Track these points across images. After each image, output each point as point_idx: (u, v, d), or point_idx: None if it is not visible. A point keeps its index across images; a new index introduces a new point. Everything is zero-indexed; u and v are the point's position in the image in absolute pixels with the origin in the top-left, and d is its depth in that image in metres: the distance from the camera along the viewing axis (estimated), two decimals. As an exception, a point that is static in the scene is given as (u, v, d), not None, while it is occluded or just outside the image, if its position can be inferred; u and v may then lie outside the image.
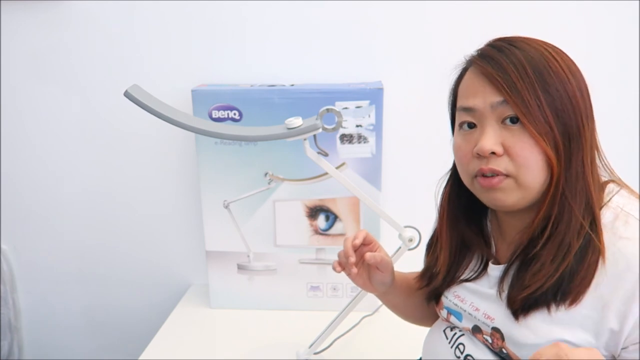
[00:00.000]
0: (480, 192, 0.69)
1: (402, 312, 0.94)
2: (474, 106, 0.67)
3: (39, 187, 1.43)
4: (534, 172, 0.64)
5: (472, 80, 0.68)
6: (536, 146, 0.63)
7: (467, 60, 0.72)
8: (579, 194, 0.64)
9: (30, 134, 1.38)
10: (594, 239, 0.62)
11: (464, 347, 0.76)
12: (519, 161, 0.64)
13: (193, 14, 1.26)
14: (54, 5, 1.27)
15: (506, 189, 0.65)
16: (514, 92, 0.63)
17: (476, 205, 0.76)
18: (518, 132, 0.64)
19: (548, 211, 0.65)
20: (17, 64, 1.33)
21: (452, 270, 0.78)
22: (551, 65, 0.64)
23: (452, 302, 0.78)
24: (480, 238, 0.77)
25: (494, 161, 0.65)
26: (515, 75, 0.63)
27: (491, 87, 0.65)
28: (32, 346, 1.59)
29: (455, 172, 0.78)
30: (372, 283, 0.85)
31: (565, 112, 0.64)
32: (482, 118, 0.66)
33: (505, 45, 0.66)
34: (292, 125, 0.83)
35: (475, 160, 0.67)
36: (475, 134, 0.68)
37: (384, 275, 0.83)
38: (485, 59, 0.67)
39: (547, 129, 0.63)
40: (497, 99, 0.65)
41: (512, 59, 0.64)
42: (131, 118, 1.33)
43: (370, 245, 0.83)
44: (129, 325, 1.53)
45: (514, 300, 0.67)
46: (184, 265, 1.47)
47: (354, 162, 1.22)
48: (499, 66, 0.65)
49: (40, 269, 1.50)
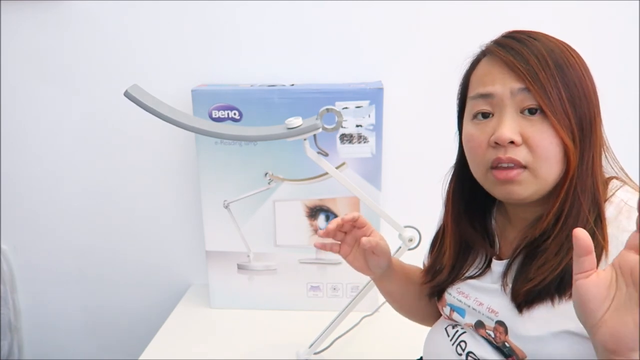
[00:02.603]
0: (493, 184, 0.67)
1: (397, 302, 0.93)
2: (493, 92, 0.65)
3: (39, 187, 1.43)
4: (552, 164, 0.64)
5: (490, 67, 0.67)
6: (556, 137, 0.63)
7: (482, 50, 0.70)
8: (588, 189, 0.65)
9: (30, 134, 1.38)
10: (597, 234, 0.62)
11: (465, 344, 0.76)
12: (538, 152, 0.63)
13: (193, 14, 1.26)
14: (54, 5, 1.27)
15: (522, 182, 0.64)
16: (536, 82, 0.62)
17: (479, 202, 0.76)
18: (538, 122, 0.63)
19: (561, 206, 0.65)
20: (17, 64, 1.33)
21: (457, 266, 0.78)
22: (569, 60, 0.64)
23: (456, 299, 0.78)
24: (483, 237, 0.76)
25: (512, 151, 0.63)
26: (537, 65, 0.63)
27: (512, 75, 0.64)
28: (32, 346, 1.59)
29: (458, 168, 0.77)
30: (369, 266, 0.85)
31: (581, 107, 0.64)
32: (501, 105, 0.65)
33: (525, 37, 0.66)
34: (292, 125, 0.83)
35: (491, 150, 0.65)
36: (491, 123, 0.66)
37: (380, 259, 0.83)
38: (505, 48, 0.65)
39: (566, 121, 0.63)
40: (518, 86, 0.63)
41: (533, 50, 0.64)
42: (131, 118, 1.33)
43: (363, 229, 0.83)
44: (129, 325, 1.53)
45: (518, 293, 0.67)
46: (184, 265, 1.47)
47: (354, 162, 1.22)
48: (520, 55, 0.64)
49: (40, 269, 1.50)
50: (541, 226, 0.66)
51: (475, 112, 0.68)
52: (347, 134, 1.20)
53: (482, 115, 0.67)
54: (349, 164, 1.22)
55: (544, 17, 1.20)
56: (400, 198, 1.30)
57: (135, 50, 1.30)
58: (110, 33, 1.29)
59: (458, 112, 0.76)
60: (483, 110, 0.67)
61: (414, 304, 0.92)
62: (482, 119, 0.67)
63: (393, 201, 1.28)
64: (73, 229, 1.45)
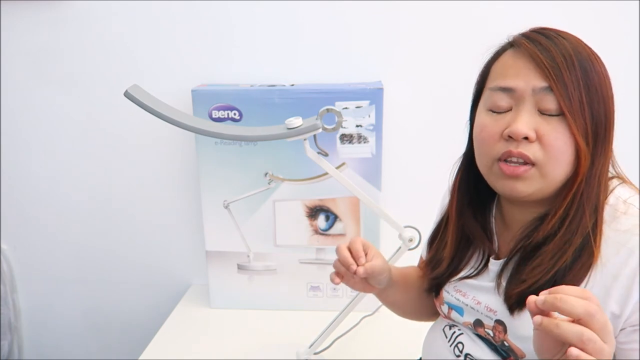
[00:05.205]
0: (497, 177, 0.67)
1: (400, 309, 0.94)
2: (514, 87, 0.64)
3: (39, 187, 1.43)
4: (562, 165, 0.63)
5: (515, 60, 0.65)
6: (571, 139, 0.62)
7: (508, 41, 0.69)
8: (593, 195, 0.64)
9: (30, 134, 1.38)
10: (591, 239, 0.63)
11: (463, 345, 0.76)
12: (550, 151, 0.63)
13: (193, 14, 1.26)
14: (54, 5, 1.27)
15: (527, 179, 0.64)
16: (559, 81, 0.62)
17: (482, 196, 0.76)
18: (554, 121, 0.62)
19: (566, 210, 0.64)
20: (17, 64, 1.33)
21: (456, 258, 0.78)
22: (594, 64, 0.64)
23: (454, 297, 0.78)
24: (483, 232, 0.76)
25: (523, 146, 0.63)
26: (563, 64, 0.62)
27: (537, 71, 0.63)
28: (32, 346, 1.59)
29: (466, 159, 0.76)
30: (370, 284, 0.84)
31: (599, 113, 0.63)
32: (520, 100, 0.64)
33: (554, 34, 0.65)
34: (292, 125, 0.83)
35: (502, 142, 0.65)
36: (506, 116, 0.65)
37: (380, 276, 0.82)
38: (533, 42, 0.64)
39: (583, 125, 0.62)
40: (541, 84, 0.63)
41: (561, 48, 0.63)
42: (131, 118, 1.33)
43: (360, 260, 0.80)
44: (129, 325, 1.53)
45: (510, 295, 0.67)
46: (184, 265, 1.47)
47: (354, 162, 1.22)
48: (547, 52, 0.63)
49: (40, 269, 1.50)
50: (545, 229, 0.66)
51: (492, 103, 0.67)
52: (347, 134, 1.20)
53: (499, 107, 0.66)
54: (349, 164, 1.22)
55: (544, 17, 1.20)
56: (400, 198, 1.30)
57: (135, 50, 1.30)
58: (111, 33, 1.29)
59: (473, 100, 0.74)
60: (501, 102, 0.66)
61: (417, 306, 0.92)
62: (498, 111, 0.66)
63: (393, 201, 1.28)
64: (73, 229, 1.46)
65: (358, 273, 0.77)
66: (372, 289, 0.86)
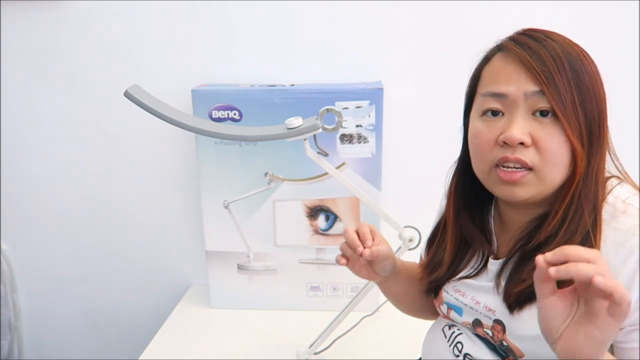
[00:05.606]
0: (495, 183, 0.67)
1: (403, 303, 0.93)
2: (506, 92, 0.64)
3: (39, 187, 1.43)
4: (558, 168, 0.63)
5: (505, 65, 0.65)
6: (566, 142, 0.62)
7: (496, 45, 0.69)
8: (591, 194, 0.65)
9: (30, 134, 1.38)
10: (591, 238, 0.63)
11: (462, 345, 0.76)
12: (546, 155, 0.62)
13: (193, 14, 1.26)
14: (54, 5, 1.27)
15: (525, 183, 0.64)
16: (551, 84, 0.61)
17: (479, 198, 0.76)
18: (549, 125, 0.62)
19: (566, 210, 0.64)
20: (17, 64, 1.33)
21: (455, 261, 0.78)
22: (584, 64, 0.63)
23: (453, 297, 0.78)
24: (481, 234, 0.76)
25: (520, 151, 0.63)
26: (553, 67, 0.62)
27: (527, 75, 0.63)
28: (32, 346, 1.59)
29: (462, 163, 0.76)
30: (374, 271, 0.84)
31: (591, 112, 0.63)
32: (513, 106, 0.64)
33: (542, 36, 0.64)
34: (292, 125, 0.83)
35: (497, 149, 0.65)
36: (500, 121, 0.65)
37: (385, 262, 0.82)
38: (521, 46, 0.64)
39: (577, 125, 0.62)
40: (532, 89, 0.62)
41: (550, 51, 0.62)
42: (131, 118, 1.33)
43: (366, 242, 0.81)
44: (129, 325, 1.53)
45: (510, 293, 0.67)
46: (184, 265, 1.47)
47: (354, 162, 1.22)
48: (536, 55, 0.63)
49: (40, 269, 1.50)
50: (547, 230, 0.65)
51: (485, 109, 0.67)
52: (347, 134, 1.20)
53: (492, 113, 0.66)
54: (349, 164, 1.22)
55: (544, 17, 1.20)
56: (400, 198, 1.30)
57: (135, 50, 1.30)
58: (111, 33, 1.29)
59: (465, 105, 0.74)
60: (493, 108, 0.66)
61: (420, 302, 0.91)
62: (491, 116, 0.66)
63: (393, 201, 1.28)
64: (73, 229, 1.46)
65: (364, 255, 0.77)
66: (375, 277, 0.85)
